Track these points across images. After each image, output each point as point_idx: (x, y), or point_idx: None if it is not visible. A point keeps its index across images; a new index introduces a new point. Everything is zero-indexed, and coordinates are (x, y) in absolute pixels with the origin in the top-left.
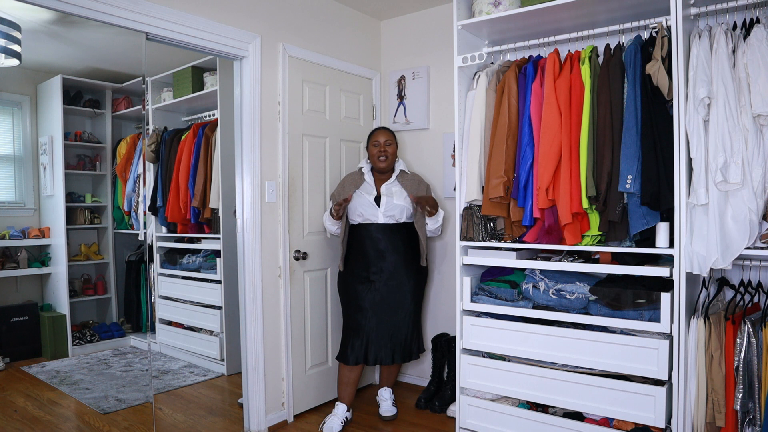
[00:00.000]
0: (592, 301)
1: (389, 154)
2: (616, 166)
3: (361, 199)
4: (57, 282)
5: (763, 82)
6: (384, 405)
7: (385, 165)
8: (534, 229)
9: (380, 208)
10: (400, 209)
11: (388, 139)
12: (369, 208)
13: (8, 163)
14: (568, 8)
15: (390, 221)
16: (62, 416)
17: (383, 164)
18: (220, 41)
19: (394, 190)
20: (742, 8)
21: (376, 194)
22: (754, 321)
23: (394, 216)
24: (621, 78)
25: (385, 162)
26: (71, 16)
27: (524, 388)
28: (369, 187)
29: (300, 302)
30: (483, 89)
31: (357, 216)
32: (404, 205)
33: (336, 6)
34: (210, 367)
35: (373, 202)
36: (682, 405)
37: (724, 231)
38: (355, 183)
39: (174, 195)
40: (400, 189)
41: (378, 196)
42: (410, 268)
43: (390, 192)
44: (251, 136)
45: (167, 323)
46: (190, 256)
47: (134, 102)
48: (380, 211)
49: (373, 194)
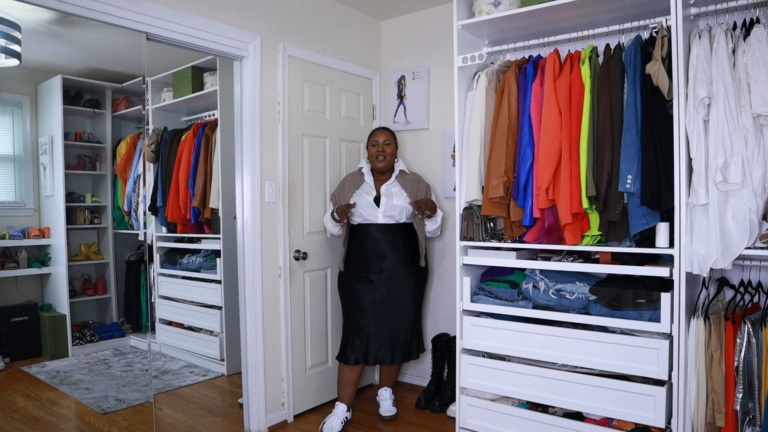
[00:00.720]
0: (592, 301)
1: (387, 154)
2: (616, 166)
3: (360, 199)
4: (57, 282)
5: (763, 82)
6: (384, 405)
7: (383, 165)
8: (534, 229)
9: (380, 208)
10: (400, 210)
11: (387, 139)
12: (369, 208)
13: (8, 163)
14: (568, 8)
15: (389, 221)
16: (62, 416)
17: (381, 164)
18: (220, 41)
19: (393, 191)
20: (742, 8)
21: (376, 195)
22: (754, 321)
23: (394, 216)
24: (621, 78)
25: (383, 162)
26: (71, 16)
27: (524, 388)
28: (369, 187)
29: (300, 302)
30: (483, 89)
31: (357, 216)
32: (403, 205)
33: (336, 6)
34: (210, 367)
35: (372, 203)
36: (682, 405)
37: (724, 231)
38: (355, 183)
39: (174, 195)
40: (399, 189)
41: (377, 196)
42: (410, 267)
43: (390, 192)
44: (251, 136)
45: (167, 323)
46: (190, 256)
47: (134, 102)
48: (380, 212)
49: (373, 194)
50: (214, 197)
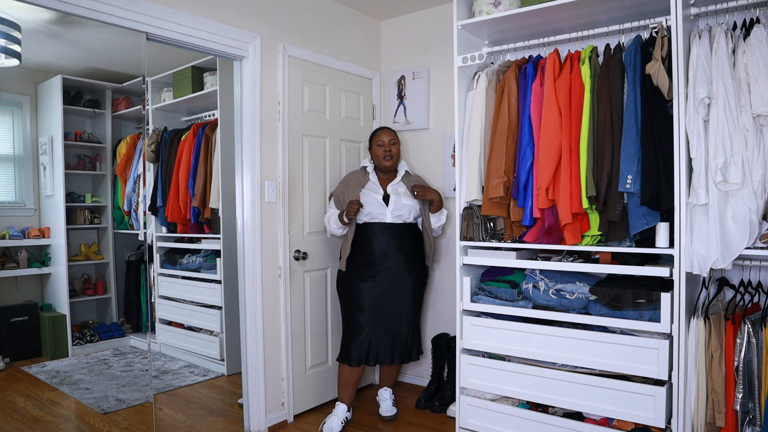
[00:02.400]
0: (592, 301)
1: (394, 154)
2: (616, 166)
3: (368, 198)
4: (57, 282)
5: (763, 82)
6: (384, 405)
7: (390, 164)
8: (534, 229)
9: (389, 207)
10: (408, 209)
11: (392, 138)
12: (377, 207)
13: (8, 163)
14: (568, 8)
15: (397, 221)
16: (62, 416)
17: (389, 163)
18: (220, 41)
19: (401, 191)
20: (742, 8)
21: (384, 193)
22: (754, 321)
23: (402, 216)
24: (621, 78)
25: (390, 161)
26: (71, 16)
27: (524, 388)
28: (375, 186)
29: (300, 302)
30: (483, 89)
31: (364, 215)
32: (412, 204)
33: (336, 6)
34: (210, 367)
35: (381, 202)
36: (682, 405)
37: (724, 231)
38: (360, 182)
39: (174, 195)
40: (406, 189)
41: (386, 195)
42: (414, 268)
43: (397, 191)
44: (251, 136)
45: (167, 323)
46: (190, 256)
47: (134, 102)
48: (389, 211)
49: (381, 193)
50: (214, 197)
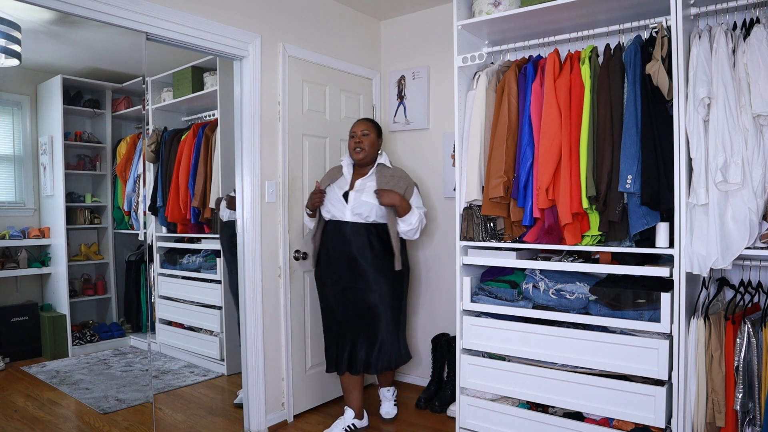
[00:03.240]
0: (592, 301)
1: (366, 146)
2: (616, 166)
3: (331, 194)
4: (57, 282)
5: (763, 82)
6: (385, 405)
7: (361, 156)
8: (534, 229)
9: (348, 204)
10: (370, 207)
11: (366, 129)
12: (337, 204)
13: (8, 163)
14: (568, 8)
15: (358, 220)
16: (62, 416)
17: (359, 155)
18: (220, 41)
19: (368, 185)
20: (742, 8)
21: (348, 190)
22: (754, 321)
23: (362, 214)
24: (621, 78)
25: (361, 153)
26: (71, 16)
27: (524, 388)
28: (343, 181)
29: (300, 302)
30: (483, 89)
31: (325, 212)
32: (374, 203)
33: (336, 6)
34: (210, 367)
35: (341, 198)
36: (682, 405)
37: (724, 231)
38: (332, 176)
39: (174, 195)
40: (374, 185)
41: (348, 191)
42: (384, 273)
43: (363, 188)
44: (251, 136)
45: (167, 323)
46: (190, 256)
47: (134, 102)
48: (348, 209)
49: (345, 189)
50: (214, 197)
